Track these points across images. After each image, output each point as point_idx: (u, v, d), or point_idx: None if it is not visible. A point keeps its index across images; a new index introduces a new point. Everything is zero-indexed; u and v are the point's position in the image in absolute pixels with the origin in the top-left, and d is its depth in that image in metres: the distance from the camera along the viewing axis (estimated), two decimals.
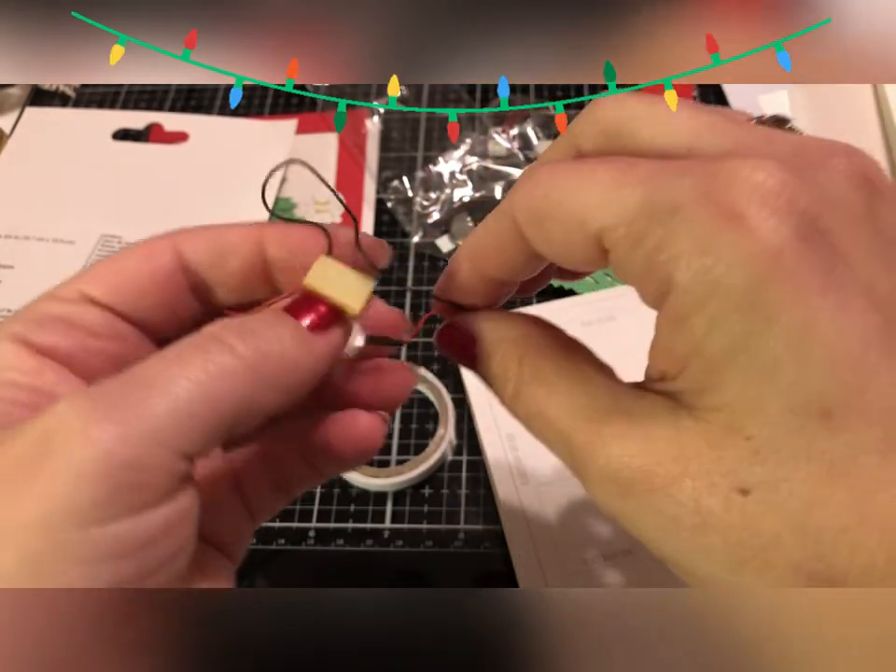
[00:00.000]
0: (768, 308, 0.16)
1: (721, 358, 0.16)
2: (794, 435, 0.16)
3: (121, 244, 0.54)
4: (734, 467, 0.16)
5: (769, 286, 0.16)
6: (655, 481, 0.17)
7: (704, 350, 0.17)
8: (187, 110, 0.63)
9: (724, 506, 0.16)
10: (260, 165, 0.58)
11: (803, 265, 0.16)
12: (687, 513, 0.17)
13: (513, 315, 0.23)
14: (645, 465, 0.18)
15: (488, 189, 0.55)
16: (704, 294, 0.16)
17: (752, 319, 0.16)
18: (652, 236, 0.17)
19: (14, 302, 0.50)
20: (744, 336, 0.16)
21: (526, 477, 0.42)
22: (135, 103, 0.64)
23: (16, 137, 0.61)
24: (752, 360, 0.16)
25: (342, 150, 0.60)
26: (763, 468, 0.16)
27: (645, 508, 0.18)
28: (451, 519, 0.43)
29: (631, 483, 0.18)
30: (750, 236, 0.16)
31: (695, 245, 0.16)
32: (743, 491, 0.16)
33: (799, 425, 0.16)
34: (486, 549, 0.42)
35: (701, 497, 0.17)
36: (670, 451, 0.17)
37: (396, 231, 0.55)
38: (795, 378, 0.16)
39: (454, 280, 0.23)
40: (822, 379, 0.16)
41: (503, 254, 0.21)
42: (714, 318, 0.16)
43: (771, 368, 0.16)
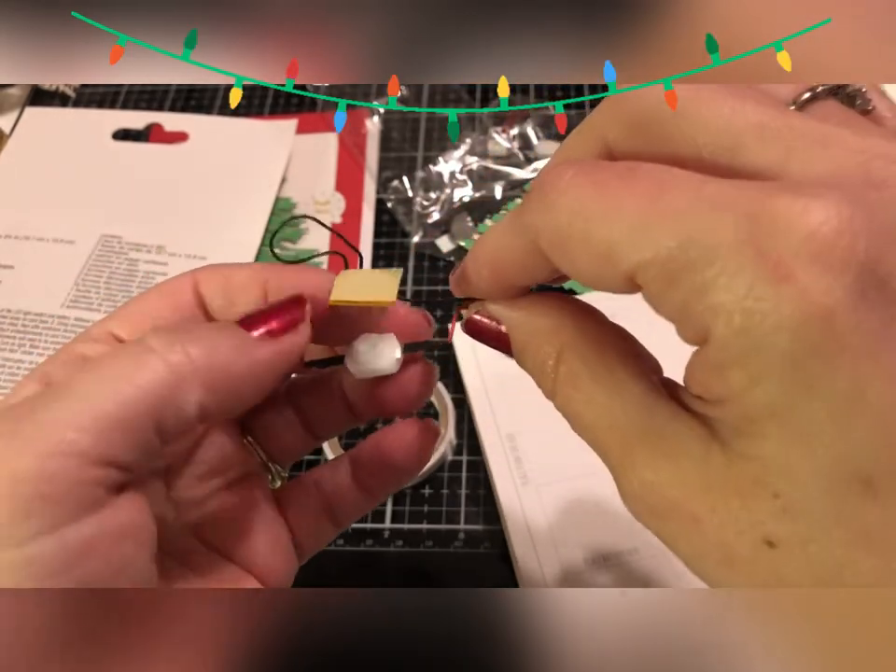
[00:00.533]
0: (813, 376, 0.15)
1: (758, 413, 0.16)
2: (828, 500, 0.15)
3: (121, 244, 0.54)
4: (762, 518, 0.16)
5: (816, 353, 0.15)
6: (684, 513, 0.17)
7: (742, 401, 0.16)
8: (187, 110, 0.63)
9: (751, 553, 0.16)
10: (260, 165, 0.58)
11: (855, 329, 0.14)
12: (714, 549, 0.17)
13: (545, 302, 0.21)
14: (675, 496, 0.17)
15: (488, 189, 0.55)
16: (744, 352, 0.15)
17: (795, 385, 0.15)
18: (688, 282, 0.15)
19: (14, 302, 0.50)
20: (785, 400, 0.15)
21: (526, 477, 0.42)
22: (135, 103, 0.64)
23: (16, 137, 0.61)
24: (791, 424, 0.15)
25: (342, 150, 0.60)
26: (793, 526, 0.16)
27: (674, 532, 0.17)
28: (451, 519, 0.43)
29: (661, 509, 0.17)
30: (799, 297, 0.14)
31: (736, 299, 0.15)
32: (770, 543, 0.16)
33: (834, 491, 0.15)
34: (486, 549, 0.42)
35: (727, 538, 0.16)
36: (700, 486, 0.17)
37: (396, 230, 0.55)
38: (835, 447, 0.15)
39: (470, 283, 0.22)
40: (864, 449, 0.15)
41: (525, 268, 0.20)
42: (754, 377, 0.15)
43: (810, 435, 0.15)
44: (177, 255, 0.53)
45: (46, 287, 0.51)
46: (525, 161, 0.56)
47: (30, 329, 0.49)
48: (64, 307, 0.50)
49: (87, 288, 0.51)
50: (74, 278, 0.52)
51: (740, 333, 0.15)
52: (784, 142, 0.16)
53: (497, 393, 0.45)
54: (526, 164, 0.56)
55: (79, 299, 0.51)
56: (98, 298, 0.51)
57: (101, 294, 0.51)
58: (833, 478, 0.15)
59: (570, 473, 0.41)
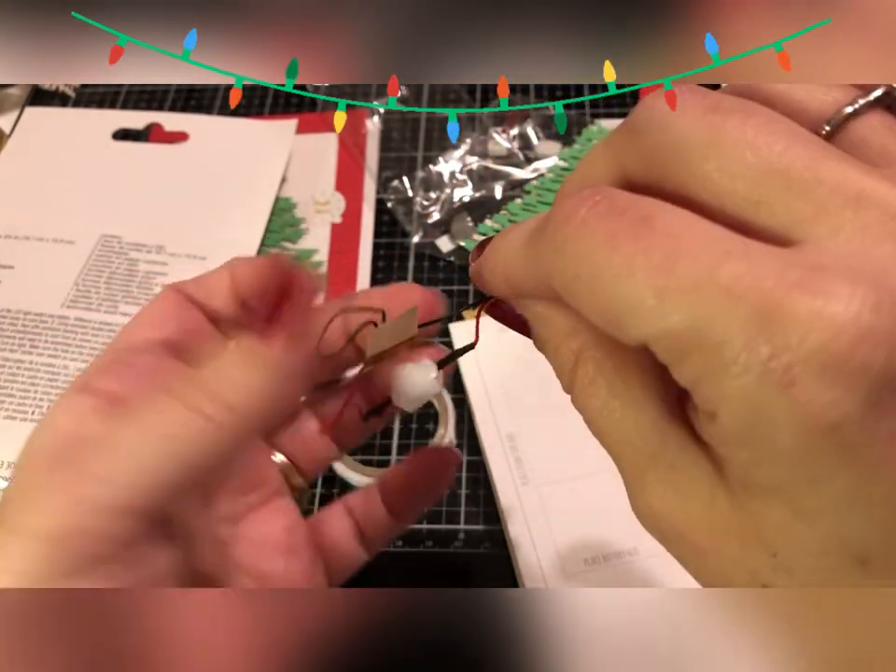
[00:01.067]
0: (816, 473, 0.15)
1: (762, 488, 0.16)
2: (824, 569, 0.15)
3: (121, 244, 0.54)
4: (760, 569, 0.16)
5: (819, 456, 0.14)
6: (688, 542, 0.17)
7: (746, 475, 0.16)
8: (187, 110, 0.63)
9: (748, 591, 0.17)
10: (260, 165, 0.58)
11: (862, 439, 0.14)
12: (715, 578, 0.17)
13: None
14: (680, 528, 0.17)
15: (488, 189, 0.55)
16: (748, 441, 0.15)
17: (797, 476, 0.15)
18: (698, 362, 0.15)
19: (14, 302, 0.50)
20: (787, 484, 0.15)
21: (526, 477, 0.42)
22: (135, 103, 0.64)
23: (16, 137, 0.61)
24: (793, 503, 0.15)
25: (342, 150, 0.60)
26: (789, 581, 0.16)
27: (679, 555, 0.18)
28: (451, 519, 0.43)
29: (668, 534, 0.18)
30: (804, 407, 0.14)
31: (741, 397, 0.15)
32: (765, 587, 0.16)
33: (831, 562, 0.15)
34: (486, 549, 0.42)
35: (728, 573, 0.17)
36: (705, 524, 0.17)
37: (396, 230, 0.55)
38: (835, 529, 0.15)
39: (486, 285, 0.22)
40: (863, 533, 0.15)
41: (538, 289, 0.20)
42: (758, 462, 0.15)
43: (811, 514, 0.15)
44: (177, 255, 0.53)
45: (46, 287, 0.51)
46: (524, 161, 0.56)
47: (30, 328, 0.49)
48: (64, 307, 0.50)
49: (87, 288, 0.51)
50: (74, 278, 0.52)
51: (747, 424, 0.15)
52: (812, 199, 0.15)
53: (497, 393, 0.45)
54: (526, 164, 0.56)
55: (79, 299, 0.51)
56: (98, 298, 0.51)
57: (101, 294, 0.51)
58: (830, 551, 0.15)
59: (570, 473, 0.41)
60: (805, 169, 0.15)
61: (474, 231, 0.53)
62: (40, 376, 0.47)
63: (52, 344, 0.48)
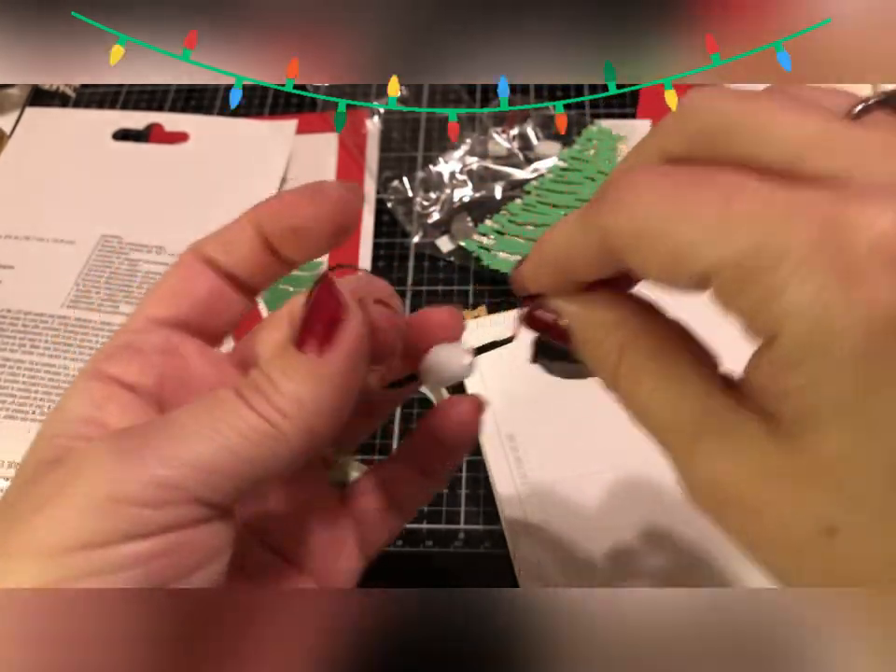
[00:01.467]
0: (881, 378, 0.15)
1: (824, 409, 0.16)
2: (892, 493, 0.16)
3: (121, 244, 0.54)
4: (823, 507, 0.16)
5: (884, 355, 0.15)
6: (745, 505, 0.17)
7: (808, 396, 0.16)
8: (187, 110, 0.63)
9: (810, 542, 0.16)
10: (260, 165, 0.58)
11: None
12: (773, 538, 0.17)
13: (605, 296, 0.22)
14: (735, 489, 0.17)
15: (488, 189, 0.55)
16: (814, 352, 0.15)
17: (862, 385, 0.15)
18: (761, 284, 0.16)
19: (14, 302, 0.51)
20: (851, 398, 0.15)
21: (526, 477, 0.42)
22: (135, 103, 0.64)
23: (16, 137, 0.61)
24: (857, 421, 0.16)
25: (342, 150, 0.60)
26: (855, 516, 0.16)
27: (735, 524, 0.18)
28: (451, 519, 0.43)
29: (722, 502, 0.18)
30: (869, 301, 0.15)
31: (807, 301, 0.15)
32: (830, 533, 0.16)
33: None
34: (486, 549, 0.42)
35: (787, 527, 0.17)
36: (760, 478, 0.17)
37: (396, 231, 0.55)
38: None
39: (530, 282, 0.23)
40: None
41: (591, 265, 0.20)
42: (822, 376, 0.16)
43: (875, 431, 0.15)
44: (178, 255, 0.53)
45: (46, 287, 0.51)
46: (524, 162, 0.56)
47: (30, 328, 0.49)
48: (65, 307, 0.50)
49: (87, 288, 0.51)
50: (74, 278, 0.52)
51: (811, 333, 0.15)
52: (847, 152, 0.17)
53: (497, 393, 0.45)
54: (526, 164, 0.56)
55: (79, 299, 0.51)
56: (98, 298, 0.51)
57: (101, 294, 0.51)
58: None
59: (570, 473, 0.41)
60: (838, 131, 0.17)
61: (474, 232, 0.53)
62: (40, 376, 0.47)
63: (53, 344, 0.48)
